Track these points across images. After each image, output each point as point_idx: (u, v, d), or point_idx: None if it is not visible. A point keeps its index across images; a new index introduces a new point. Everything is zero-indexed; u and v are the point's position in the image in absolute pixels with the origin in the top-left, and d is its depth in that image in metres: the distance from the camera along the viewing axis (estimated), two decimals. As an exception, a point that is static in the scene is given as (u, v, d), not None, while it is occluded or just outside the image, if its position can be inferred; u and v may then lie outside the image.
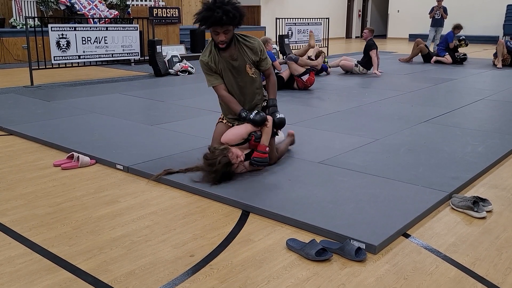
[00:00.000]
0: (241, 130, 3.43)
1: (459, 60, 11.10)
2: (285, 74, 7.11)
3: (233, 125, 3.58)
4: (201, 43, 12.22)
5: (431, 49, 14.01)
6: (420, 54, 11.39)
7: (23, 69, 9.37)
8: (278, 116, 3.50)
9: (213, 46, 3.48)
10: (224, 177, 3.23)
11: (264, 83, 3.68)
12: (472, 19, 18.43)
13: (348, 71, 9.27)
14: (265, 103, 3.67)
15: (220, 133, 3.54)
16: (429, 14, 13.93)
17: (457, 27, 11.24)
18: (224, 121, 3.68)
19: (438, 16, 13.66)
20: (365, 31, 9.24)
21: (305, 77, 7.05)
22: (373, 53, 8.91)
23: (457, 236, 2.60)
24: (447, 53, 11.12)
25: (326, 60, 9.28)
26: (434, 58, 11.23)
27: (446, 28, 12.43)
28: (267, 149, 3.40)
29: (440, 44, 11.56)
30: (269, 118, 3.47)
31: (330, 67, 9.17)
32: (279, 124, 3.51)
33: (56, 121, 5.04)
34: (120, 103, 6.12)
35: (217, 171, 3.18)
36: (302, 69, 7.01)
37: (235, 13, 3.24)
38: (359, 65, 9.19)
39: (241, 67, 3.48)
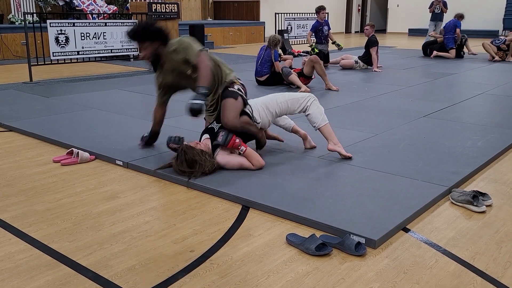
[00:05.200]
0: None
1: (462, 54, 11.14)
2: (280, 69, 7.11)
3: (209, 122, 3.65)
4: (200, 39, 12.20)
5: None
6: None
7: (22, 65, 9.36)
8: (190, 102, 3.25)
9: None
10: (190, 165, 3.24)
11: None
12: (472, 13, 18.37)
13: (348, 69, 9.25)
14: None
15: None
16: (429, 8, 13.90)
17: (461, 16, 11.23)
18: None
19: (438, 11, 13.62)
20: (366, 27, 9.14)
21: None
22: (373, 51, 8.88)
23: (456, 231, 2.61)
24: (454, 47, 11.06)
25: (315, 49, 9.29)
26: (435, 52, 11.17)
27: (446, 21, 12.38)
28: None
29: (449, 32, 11.24)
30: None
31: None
32: (189, 111, 3.27)
33: (55, 117, 5.04)
34: (119, 99, 6.11)
35: (182, 160, 3.26)
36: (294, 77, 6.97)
37: (137, 33, 3.48)
38: (359, 61, 9.16)
39: (176, 69, 3.53)
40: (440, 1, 13.51)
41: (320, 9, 9.56)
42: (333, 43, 9.81)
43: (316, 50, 9.24)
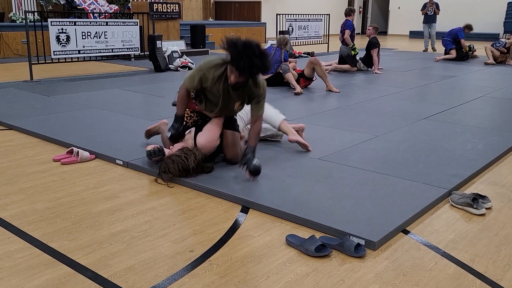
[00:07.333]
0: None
1: (465, 57, 11.07)
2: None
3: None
4: (201, 39, 12.20)
5: (429, 46, 13.97)
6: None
7: (23, 63, 9.35)
8: (253, 163, 3.21)
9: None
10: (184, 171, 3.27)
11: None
12: (473, 16, 18.38)
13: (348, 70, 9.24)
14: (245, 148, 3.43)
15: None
16: (421, 11, 13.91)
17: (468, 27, 11.17)
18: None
19: (430, 13, 13.62)
20: (369, 28, 9.16)
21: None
22: (374, 52, 8.88)
23: (456, 233, 2.61)
24: (454, 47, 11.04)
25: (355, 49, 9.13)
26: (440, 58, 11.15)
27: (439, 24, 12.27)
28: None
29: (447, 35, 11.24)
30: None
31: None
32: (253, 172, 3.22)
33: (55, 116, 5.04)
34: (120, 98, 6.12)
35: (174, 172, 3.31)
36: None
37: (266, 69, 3.19)
38: (360, 62, 9.16)
39: (233, 99, 3.39)
40: (433, 2, 13.51)
41: (352, 11, 9.51)
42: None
43: (357, 51, 9.12)
